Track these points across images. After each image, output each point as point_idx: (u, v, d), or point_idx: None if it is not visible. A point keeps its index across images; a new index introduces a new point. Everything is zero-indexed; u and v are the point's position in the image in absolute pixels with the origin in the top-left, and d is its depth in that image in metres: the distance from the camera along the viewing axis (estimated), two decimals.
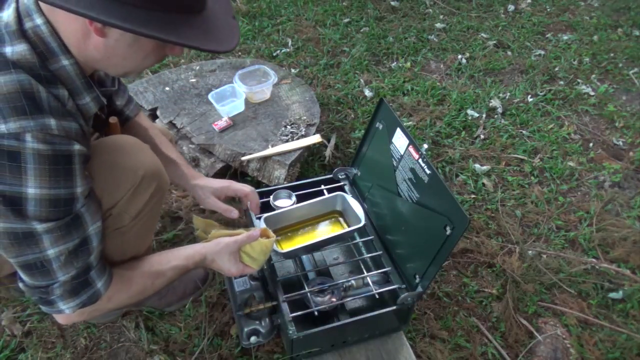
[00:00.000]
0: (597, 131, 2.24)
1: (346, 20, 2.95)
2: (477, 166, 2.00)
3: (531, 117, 2.29)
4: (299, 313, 1.21)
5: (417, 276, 1.23)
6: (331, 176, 1.58)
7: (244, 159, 1.69)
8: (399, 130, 1.35)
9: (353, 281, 1.32)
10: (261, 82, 1.91)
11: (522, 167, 2.03)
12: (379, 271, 1.34)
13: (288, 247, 1.31)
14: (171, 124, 1.82)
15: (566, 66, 2.63)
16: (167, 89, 1.97)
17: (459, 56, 2.69)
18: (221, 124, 1.79)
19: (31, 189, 0.79)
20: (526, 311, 1.51)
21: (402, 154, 1.34)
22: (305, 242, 1.30)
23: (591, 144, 2.17)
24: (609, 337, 1.44)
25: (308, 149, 1.79)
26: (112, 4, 0.73)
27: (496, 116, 2.29)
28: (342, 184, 1.56)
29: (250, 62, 2.14)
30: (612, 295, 1.55)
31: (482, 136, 2.17)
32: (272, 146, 1.72)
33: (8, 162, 0.77)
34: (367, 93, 2.36)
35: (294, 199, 1.47)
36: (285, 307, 1.22)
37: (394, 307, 1.23)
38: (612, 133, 2.23)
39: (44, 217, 0.82)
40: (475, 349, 1.40)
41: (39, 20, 0.81)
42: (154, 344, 1.35)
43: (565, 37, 2.89)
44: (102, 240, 0.95)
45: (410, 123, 2.20)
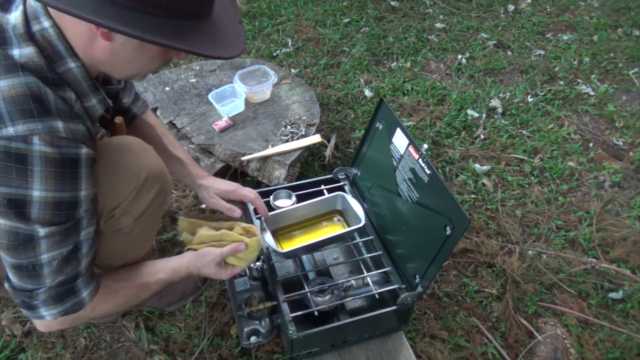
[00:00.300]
0: (597, 131, 2.24)
1: (346, 20, 2.95)
2: (477, 166, 2.00)
3: (531, 117, 2.29)
4: (299, 313, 1.21)
5: (417, 276, 1.23)
6: (331, 176, 1.58)
7: (244, 159, 1.69)
8: (399, 130, 1.35)
9: (353, 281, 1.31)
10: (261, 82, 1.91)
11: (522, 167, 2.03)
12: (379, 271, 1.34)
13: (288, 247, 1.31)
14: (171, 124, 1.82)
15: (566, 66, 2.63)
16: (167, 89, 1.97)
17: (459, 56, 2.68)
18: (221, 124, 1.79)
19: (36, 191, 0.79)
20: (526, 311, 1.51)
21: (402, 154, 1.34)
22: (305, 242, 1.30)
23: (591, 144, 2.17)
24: (609, 337, 1.44)
25: (308, 149, 1.79)
26: (119, 10, 0.73)
27: (496, 116, 2.29)
28: (342, 184, 1.56)
29: (250, 62, 2.14)
30: (612, 295, 1.55)
31: (482, 136, 2.17)
32: (272, 146, 1.72)
33: (15, 165, 0.77)
34: (367, 93, 2.36)
35: (294, 199, 1.47)
36: (285, 307, 1.22)
37: (394, 307, 1.23)
38: (612, 133, 2.23)
39: (47, 220, 0.82)
40: (475, 349, 1.40)
41: (47, 23, 0.81)
42: (154, 344, 1.35)
43: (565, 37, 2.89)
44: (93, 248, 0.93)
45: (410, 123, 2.20)
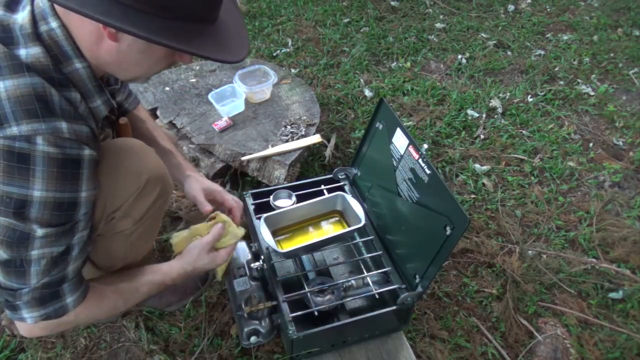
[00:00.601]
0: (597, 131, 2.24)
1: (346, 20, 2.95)
2: (477, 166, 2.00)
3: (531, 117, 2.29)
4: (299, 313, 1.21)
5: (417, 276, 1.23)
6: (331, 176, 1.58)
7: (244, 159, 1.69)
8: (399, 130, 1.35)
9: (353, 281, 1.31)
10: (261, 82, 1.91)
11: (522, 167, 2.03)
12: (379, 271, 1.34)
13: (288, 247, 1.31)
14: (171, 124, 1.82)
15: (566, 66, 2.63)
16: (167, 89, 1.97)
17: (459, 56, 2.68)
18: (221, 124, 1.79)
19: (37, 191, 0.79)
20: (526, 311, 1.51)
21: (402, 154, 1.34)
22: (305, 242, 1.30)
23: (591, 144, 2.17)
24: (609, 337, 1.44)
25: (308, 149, 1.79)
26: (128, 11, 0.74)
27: (496, 116, 2.28)
28: (342, 184, 1.56)
29: (250, 62, 2.13)
30: (612, 295, 1.55)
31: (482, 136, 2.17)
32: (272, 146, 1.72)
33: (17, 164, 0.77)
34: (367, 93, 2.36)
35: (294, 199, 1.47)
36: (285, 307, 1.22)
37: (394, 307, 1.23)
38: (612, 133, 2.23)
39: (46, 221, 0.82)
40: (475, 349, 1.40)
41: (54, 24, 0.81)
42: (154, 344, 1.35)
43: (565, 37, 2.89)
44: (83, 253, 0.91)
45: (410, 123, 2.20)
